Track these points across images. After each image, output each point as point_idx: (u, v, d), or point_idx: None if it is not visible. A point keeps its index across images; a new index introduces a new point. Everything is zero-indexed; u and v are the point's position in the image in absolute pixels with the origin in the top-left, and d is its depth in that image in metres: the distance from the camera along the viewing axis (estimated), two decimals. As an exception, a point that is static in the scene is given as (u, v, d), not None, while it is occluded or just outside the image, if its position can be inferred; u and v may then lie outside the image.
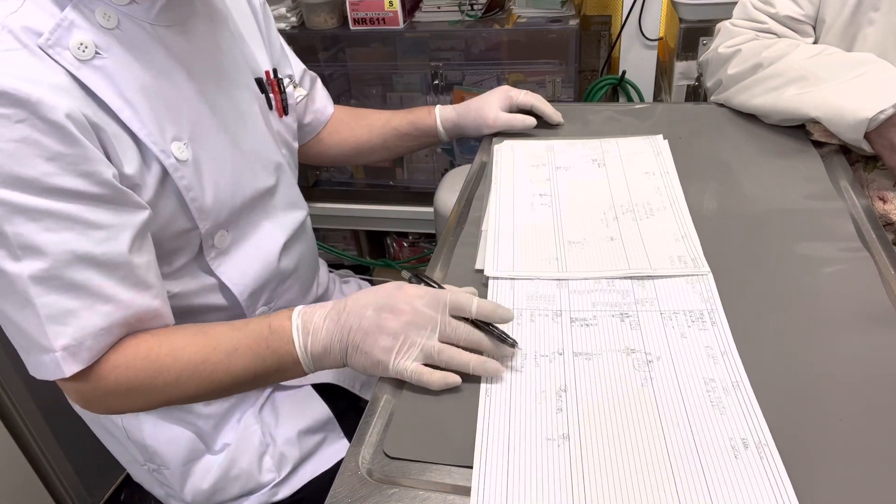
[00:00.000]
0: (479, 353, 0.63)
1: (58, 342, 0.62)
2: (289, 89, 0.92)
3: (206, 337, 0.68)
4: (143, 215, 0.67)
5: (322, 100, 1.07)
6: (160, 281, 0.70)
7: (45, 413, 1.31)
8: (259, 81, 0.86)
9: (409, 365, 0.61)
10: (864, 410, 0.56)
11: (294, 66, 1.00)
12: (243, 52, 0.84)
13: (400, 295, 0.63)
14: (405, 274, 0.68)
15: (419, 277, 0.69)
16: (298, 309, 0.68)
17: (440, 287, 0.67)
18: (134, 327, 0.67)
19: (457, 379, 0.61)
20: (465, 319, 0.63)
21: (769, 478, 0.50)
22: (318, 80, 1.07)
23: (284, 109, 0.91)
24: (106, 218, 0.63)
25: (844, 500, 0.49)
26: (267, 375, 0.69)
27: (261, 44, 0.89)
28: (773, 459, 0.51)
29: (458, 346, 0.62)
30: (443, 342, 0.62)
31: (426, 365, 0.62)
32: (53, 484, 1.36)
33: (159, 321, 0.69)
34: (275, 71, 0.90)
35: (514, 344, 0.63)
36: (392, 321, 0.62)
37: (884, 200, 0.90)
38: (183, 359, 0.67)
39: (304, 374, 0.69)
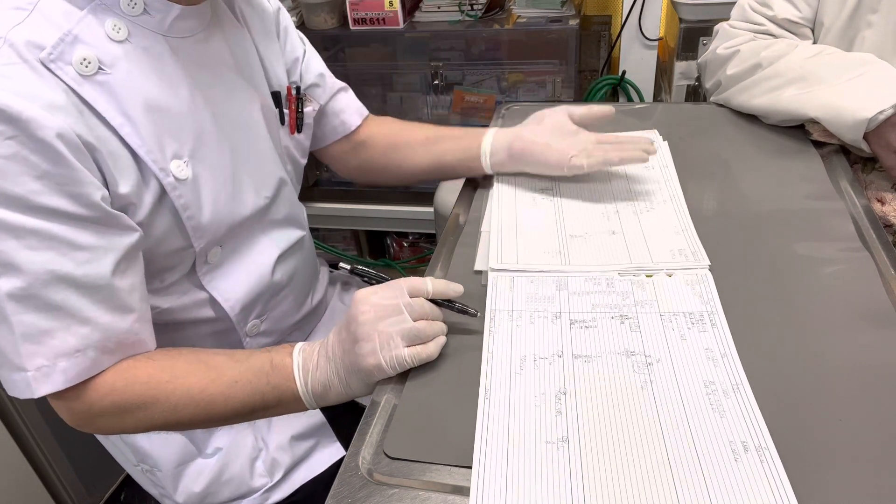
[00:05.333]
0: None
1: (31, 362, 0.61)
2: (308, 110, 0.90)
3: (206, 367, 0.68)
4: (132, 238, 0.66)
5: (345, 111, 0.97)
6: (145, 304, 0.69)
7: (45, 413, 1.31)
8: (276, 95, 0.85)
9: (402, 352, 0.62)
10: (864, 410, 0.56)
11: (313, 72, 0.93)
12: (263, 64, 0.83)
13: (357, 301, 0.64)
14: (343, 265, 0.70)
15: (356, 271, 0.71)
16: (300, 346, 0.69)
17: (380, 277, 0.69)
18: (113, 351, 0.66)
19: (444, 338, 0.65)
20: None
21: (769, 481, 0.50)
22: (347, 91, 0.98)
23: (298, 127, 0.89)
24: (90, 239, 0.62)
25: (845, 502, 0.49)
26: (265, 410, 0.69)
27: (279, 54, 0.87)
28: (773, 463, 0.51)
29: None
30: (415, 321, 0.63)
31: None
32: (53, 484, 1.36)
33: (140, 346, 0.68)
34: (297, 88, 0.88)
35: (475, 314, 0.67)
36: (361, 327, 0.63)
37: (882, 202, 0.90)
38: (182, 387, 0.66)
39: (305, 409, 0.69)
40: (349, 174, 1.03)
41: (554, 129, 0.87)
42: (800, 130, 0.96)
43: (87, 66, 0.62)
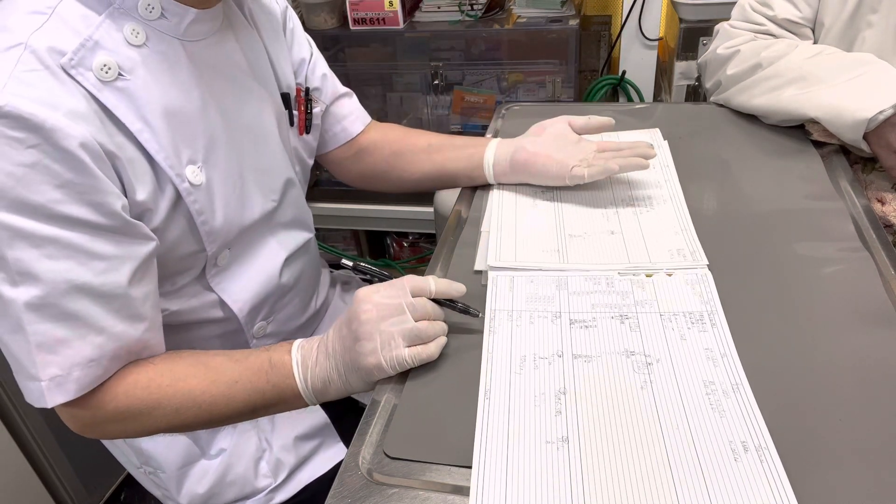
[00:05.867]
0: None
1: (45, 372, 0.61)
2: (316, 110, 0.90)
3: (206, 368, 0.68)
4: (149, 247, 0.66)
5: (347, 117, 0.96)
6: (156, 312, 0.69)
7: (45, 413, 1.31)
8: (286, 96, 0.84)
9: (402, 353, 0.62)
10: (864, 410, 0.56)
11: (317, 75, 0.92)
12: (272, 65, 0.83)
13: (359, 299, 0.64)
14: (346, 262, 0.70)
15: (359, 269, 0.71)
16: (298, 343, 0.69)
17: (383, 275, 0.69)
18: (123, 360, 0.66)
19: (444, 338, 0.65)
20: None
21: (769, 481, 0.50)
22: (351, 98, 0.98)
23: (307, 128, 0.89)
24: (109, 249, 0.62)
25: (845, 502, 0.49)
26: (266, 408, 0.69)
27: (287, 55, 0.87)
28: (772, 462, 0.51)
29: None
30: (417, 321, 0.63)
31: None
32: (53, 484, 1.36)
33: (147, 352, 0.69)
34: (307, 90, 0.88)
35: (477, 314, 0.67)
36: (363, 326, 0.63)
37: (882, 202, 0.90)
38: (183, 390, 0.66)
39: (306, 406, 0.69)
40: (350, 180, 1.02)
41: (555, 140, 0.87)
42: (800, 130, 0.96)
43: (107, 73, 0.62)
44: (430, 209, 1.57)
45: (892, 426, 0.54)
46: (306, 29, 1.65)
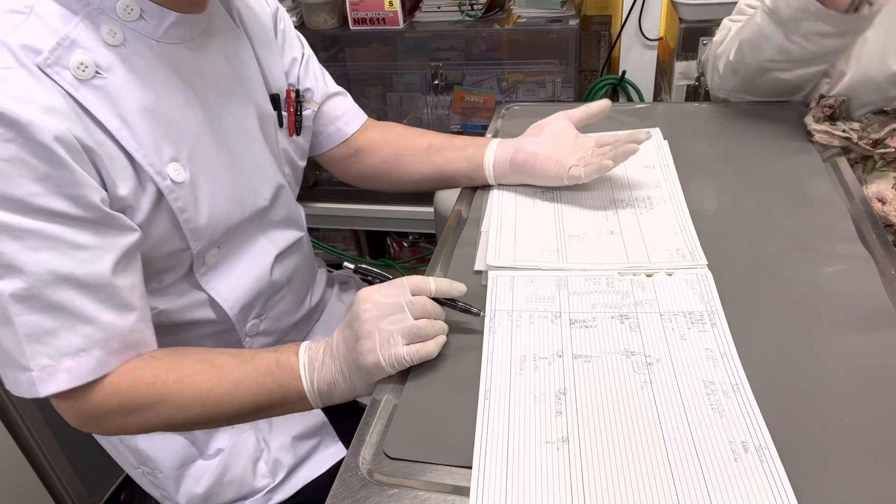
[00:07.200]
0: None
1: (35, 362, 0.61)
2: (307, 112, 0.90)
3: (212, 366, 0.68)
4: (132, 238, 0.66)
5: (341, 118, 0.96)
6: (145, 303, 0.69)
7: (45, 413, 1.31)
8: (275, 98, 0.84)
9: (401, 350, 0.62)
10: (864, 410, 0.56)
11: (310, 75, 0.93)
12: (261, 67, 0.82)
13: (360, 299, 0.64)
14: (347, 265, 0.71)
15: (360, 270, 0.71)
16: (305, 345, 0.69)
17: (383, 276, 0.69)
18: (118, 352, 0.66)
19: (444, 337, 0.65)
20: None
21: (769, 481, 0.50)
22: (345, 97, 0.98)
23: (297, 129, 0.89)
24: (90, 239, 0.62)
25: (845, 502, 0.49)
26: (271, 408, 0.69)
27: (278, 56, 0.87)
28: (773, 462, 0.51)
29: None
30: (416, 319, 0.64)
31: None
32: (53, 484, 1.36)
33: (143, 345, 0.68)
34: (297, 92, 0.88)
35: (478, 313, 0.67)
36: (363, 325, 0.63)
37: (883, 201, 0.90)
38: (188, 387, 0.66)
39: (311, 408, 0.69)
40: (349, 180, 1.02)
41: (553, 138, 0.87)
42: (800, 130, 0.96)
43: (83, 71, 0.62)
44: (430, 209, 1.57)
45: (892, 426, 0.54)
46: (306, 29, 1.66)
